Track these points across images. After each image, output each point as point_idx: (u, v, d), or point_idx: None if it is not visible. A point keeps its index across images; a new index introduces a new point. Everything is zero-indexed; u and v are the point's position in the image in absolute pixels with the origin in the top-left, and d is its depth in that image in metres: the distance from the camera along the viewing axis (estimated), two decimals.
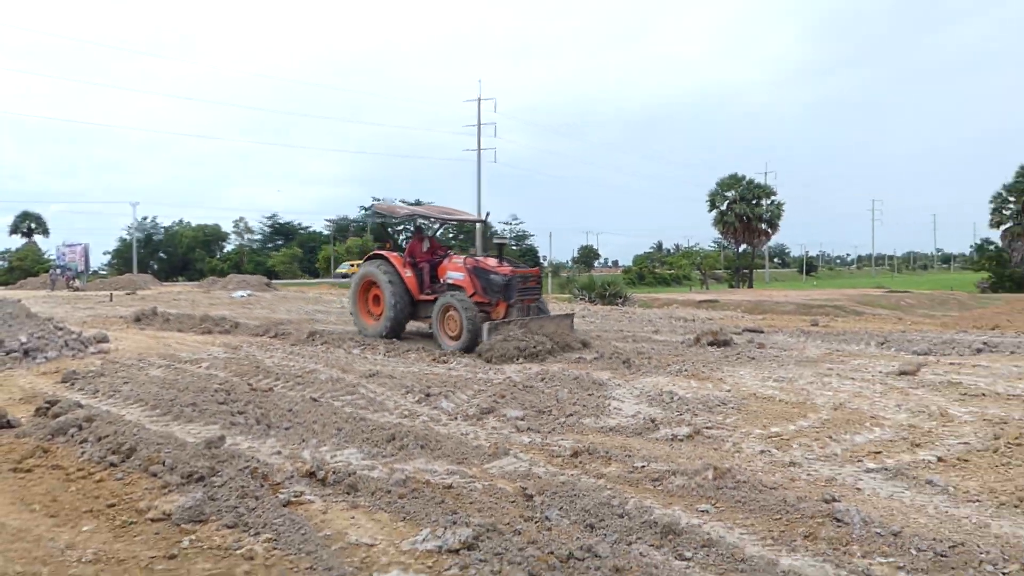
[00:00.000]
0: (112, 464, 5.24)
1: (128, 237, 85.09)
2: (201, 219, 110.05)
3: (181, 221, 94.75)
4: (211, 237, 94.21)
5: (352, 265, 69.31)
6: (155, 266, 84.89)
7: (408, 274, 13.21)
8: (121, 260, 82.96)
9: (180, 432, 6.29)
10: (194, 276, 72.52)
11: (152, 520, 4.24)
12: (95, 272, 64.53)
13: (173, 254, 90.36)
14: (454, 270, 12.93)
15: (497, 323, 11.47)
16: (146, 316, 17.34)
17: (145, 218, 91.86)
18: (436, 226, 15.62)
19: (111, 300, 28.36)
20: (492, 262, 12.62)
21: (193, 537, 3.97)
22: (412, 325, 13.97)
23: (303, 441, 6.15)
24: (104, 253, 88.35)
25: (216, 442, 5.51)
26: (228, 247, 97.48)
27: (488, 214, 15.72)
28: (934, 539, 3.94)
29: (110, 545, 3.90)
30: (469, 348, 11.52)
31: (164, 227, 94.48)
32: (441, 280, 13.15)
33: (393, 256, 13.54)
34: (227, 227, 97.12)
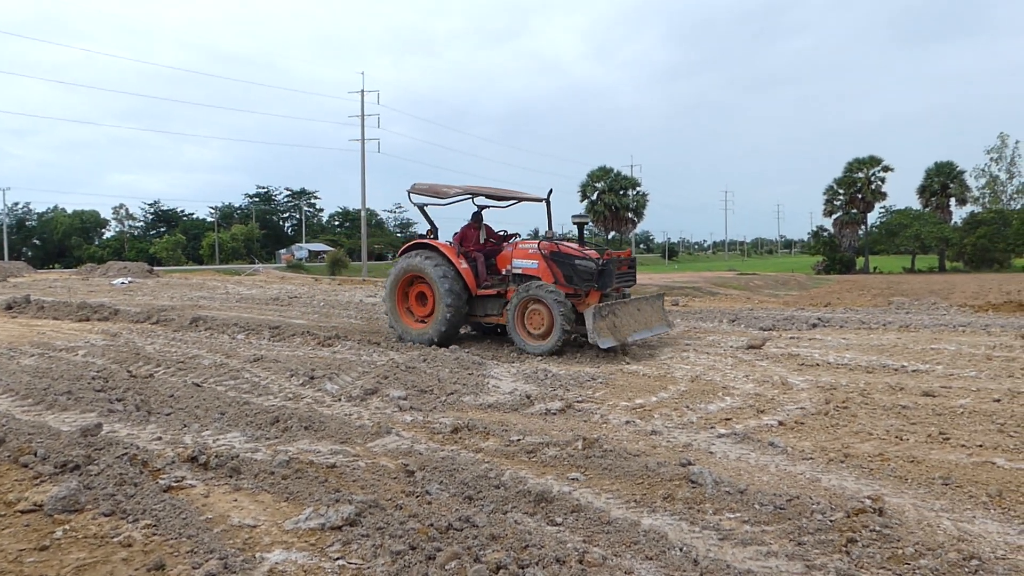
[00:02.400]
0: None
1: None
2: (78, 205, 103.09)
3: (56, 207, 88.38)
4: (89, 224, 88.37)
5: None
6: (29, 253, 78.81)
7: (464, 266, 10.68)
8: None
9: (54, 421, 5.86)
10: (71, 263, 67.67)
11: (22, 512, 3.91)
12: None
13: (48, 240, 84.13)
14: (523, 257, 10.60)
15: (600, 307, 9.47)
16: (18, 304, 16.03)
17: (17, 204, 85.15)
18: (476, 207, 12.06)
19: None
20: (574, 246, 10.56)
21: (67, 527, 3.70)
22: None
23: (185, 426, 5.86)
24: None
25: (92, 430, 5.17)
26: (108, 234, 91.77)
27: (551, 191, 11.55)
28: (774, 494, 4.18)
29: None
30: (559, 349, 9.71)
31: (38, 213, 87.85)
32: (504, 270, 10.85)
33: (442, 245, 10.90)
34: (107, 214, 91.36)
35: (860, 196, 60.91)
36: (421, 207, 11.54)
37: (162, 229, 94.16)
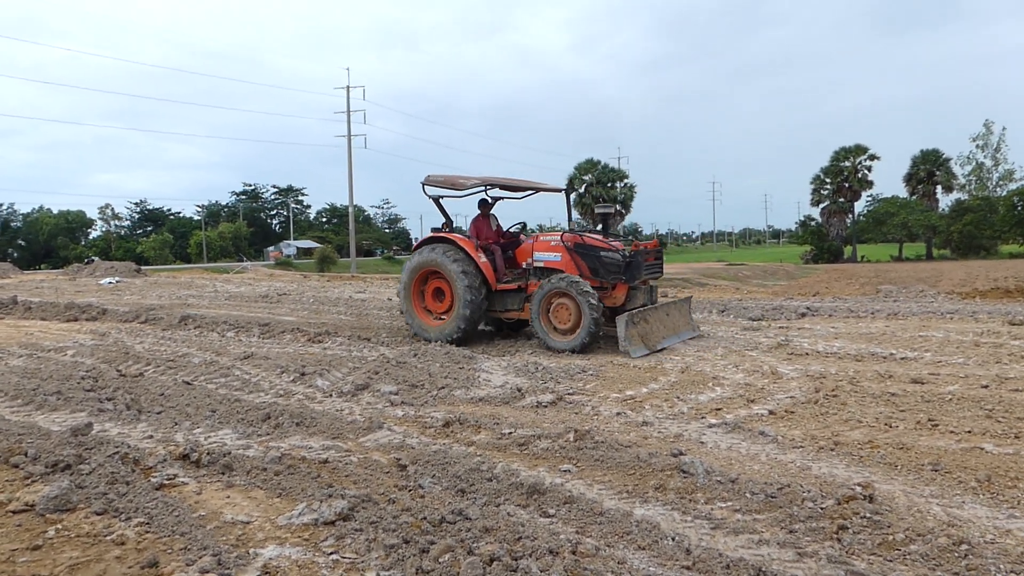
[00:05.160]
0: None
1: None
2: (63, 206, 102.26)
3: (41, 208, 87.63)
4: (75, 224, 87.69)
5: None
6: (14, 254, 78.12)
7: (483, 260, 10.30)
8: None
9: (44, 422, 5.83)
10: (58, 264, 67.17)
11: (13, 512, 3.89)
12: None
13: (34, 241, 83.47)
14: (545, 250, 10.23)
15: (632, 315, 9.23)
16: (4, 305, 15.91)
17: (1, 205, 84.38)
18: (490, 199, 11.51)
19: None
20: (598, 237, 10.17)
21: (59, 526, 3.69)
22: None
23: (176, 424, 5.84)
24: None
25: (83, 429, 5.14)
26: (94, 233, 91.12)
27: (570, 182, 11.02)
28: (765, 483, 4.21)
29: None
30: (587, 345, 9.31)
31: (23, 214, 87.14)
32: (524, 264, 10.49)
33: (461, 239, 10.49)
34: (92, 213, 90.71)
35: (847, 185, 61.16)
36: (436, 199, 11.09)
37: (149, 228, 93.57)
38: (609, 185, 64.08)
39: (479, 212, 11.29)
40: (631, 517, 3.80)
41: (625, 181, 65.19)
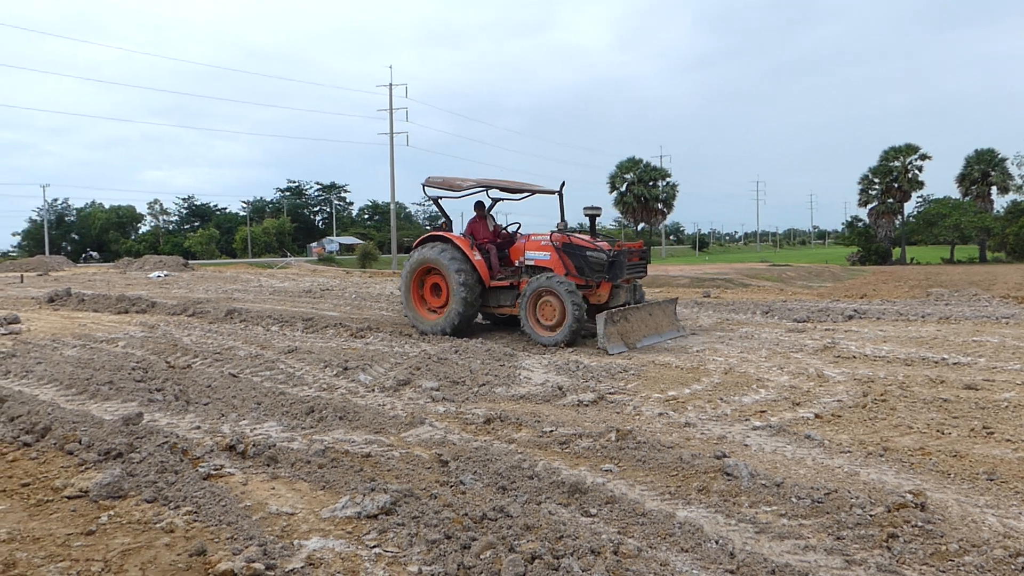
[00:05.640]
0: (26, 444, 4.95)
1: (38, 219, 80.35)
2: (115, 201, 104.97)
3: (94, 203, 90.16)
4: (125, 219, 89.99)
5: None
6: (68, 247, 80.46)
7: (477, 257, 10.83)
8: (32, 241, 78.36)
9: (97, 410, 5.99)
10: (109, 257, 69.02)
11: (68, 498, 4.02)
12: (5, 254, 60.61)
13: (87, 235, 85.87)
14: (536, 249, 10.65)
15: (612, 313, 9.53)
16: (60, 297, 16.40)
17: (56, 200, 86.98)
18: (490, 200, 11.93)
19: (22, 281, 26.71)
20: (585, 237, 10.54)
21: (112, 513, 3.79)
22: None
23: (222, 416, 5.95)
24: (13, 235, 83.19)
25: (134, 419, 5.27)
26: (144, 228, 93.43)
27: (563, 184, 11.56)
28: (812, 488, 4.13)
29: (25, 524, 3.68)
30: (571, 340, 9.71)
31: (76, 209, 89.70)
32: (516, 262, 10.92)
33: (457, 238, 11.06)
34: (142, 209, 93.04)
35: (896, 185, 59.69)
36: (436, 200, 11.80)
37: (196, 224, 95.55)
38: (651, 184, 63.64)
39: (475, 213, 11.75)
40: (674, 519, 3.76)
41: (667, 180, 64.68)
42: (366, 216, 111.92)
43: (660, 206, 64.38)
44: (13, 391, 6.53)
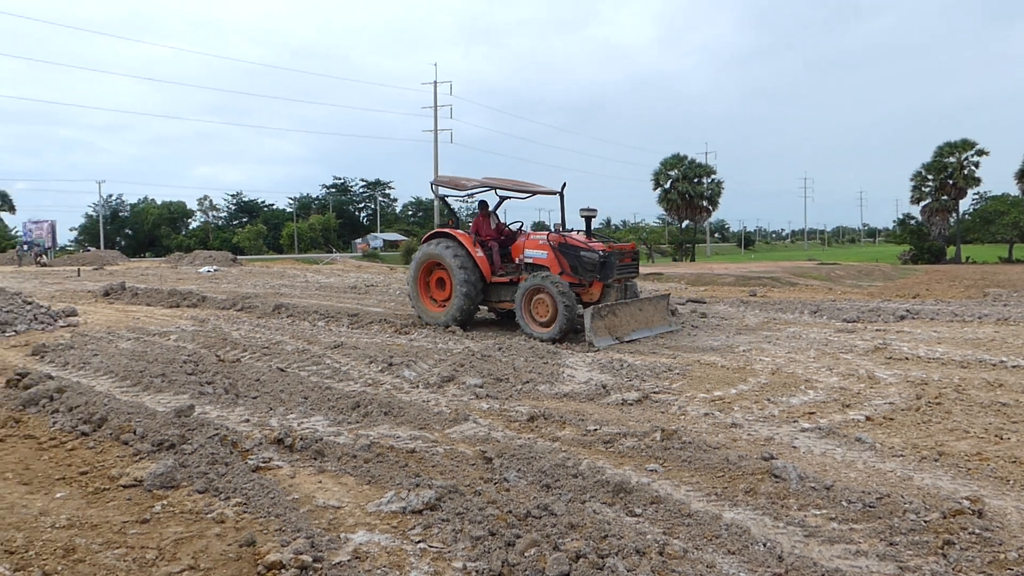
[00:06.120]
0: (83, 433, 5.11)
1: (94, 214, 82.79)
2: (166, 197, 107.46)
3: (146, 198, 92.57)
4: (176, 214, 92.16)
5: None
6: (122, 242, 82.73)
7: (479, 254, 11.27)
8: (88, 236, 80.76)
9: (150, 402, 6.15)
10: (160, 252, 70.79)
11: (124, 487, 4.14)
12: (62, 248, 62.63)
13: (140, 230, 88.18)
14: (534, 248, 11.08)
15: (599, 308, 9.85)
16: (115, 291, 16.91)
17: (111, 196, 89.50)
18: (498, 199, 12.66)
19: (79, 275, 27.56)
20: (580, 237, 10.88)
21: (165, 502, 3.89)
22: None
23: (270, 409, 6.06)
24: (71, 230, 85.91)
25: (186, 411, 5.40)
26: (194, 224, 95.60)
27: (564, 184, 11.75)
28: (863, 491, 4.04)
29: (83, 511, 3.80)
30: (563, 336, 10.05)
31: (130, 204, 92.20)
32: (517, 259, 11.33)
33: (460, 235, 11.50)
34: (192, 204, 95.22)
35: (951, 182, 57.95)
36: (442, 198, 12.39)
37: (244, 219, 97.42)
38: (696, 181, 62.84)
39: (480, 211, 12.12)
40: (720, 520, 3.72)
41: (712, 177, 63.79)
42: (410, 212, 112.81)
43: (705, 203, 63.46)
44: (72, 382, 6.75)
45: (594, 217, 11.33)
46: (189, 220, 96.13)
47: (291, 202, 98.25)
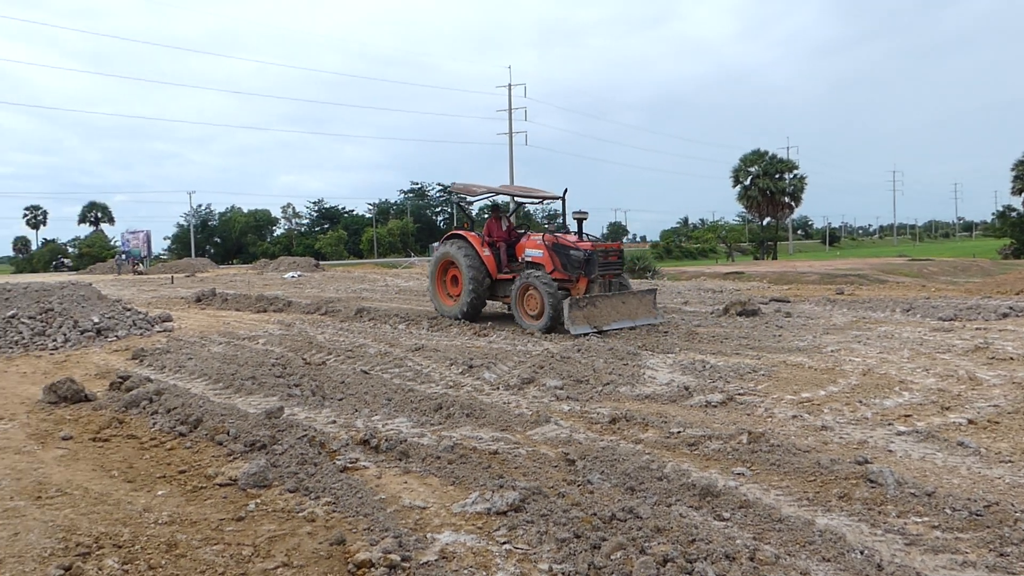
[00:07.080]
0: (181, 434, 5.35)
1: (185, 223, 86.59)
2: (252, 205, 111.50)
3: (233, 207, 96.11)
4: (262, 222, 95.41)
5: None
6: (211, 250, 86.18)
7: (486, 253, 12.42)
8: (180, 245, 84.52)
9: (242, 404, 6.38)
10: (247, 259, 73.44)
11: (220, 485, 4.31)
12: (157, 257, 65.72)
13: (227, 238, 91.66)
14: (532, 247, 12.13)
15: (578, 299, 10.71)
16: (206, 297, 17.63)
17: (200, 205, 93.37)
18: (514, 204, 14.21)
19: (172, 283, 28.86)
20: (571, 238, 11.81)
21: (258, 501, 4.03)
22: (488, 306, 13.42)
23: (356, 411, 6.20)
24: (164, 239, 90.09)
25: (275, 413, 5.57)
26: (278, 231, 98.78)
27: (566, 191, 12.81)
28: (968, 499, 3.84)
29: (183, 508, 3.97)
30: (551, 327, 10.96)
31: (219, 213, 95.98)
32: (520, 258, 12.37)
33: (471, 236, 12.79)
34: (276, 212, 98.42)
35: None
36: (458, 203, 13.46)
37: (326, 226, 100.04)
38: (777, 176, 61.21)
39: (492, 214, 13.46)
40: (813, 526, 3.60)
41: (795, 172, 61.99)
42: (485, 215, 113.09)
43: (787, 199, 61.69)
44: (169, 384, 7.07)
45: (585, 219, 12.36)
46: (273, 227, 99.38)
47: (370, 207, 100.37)
